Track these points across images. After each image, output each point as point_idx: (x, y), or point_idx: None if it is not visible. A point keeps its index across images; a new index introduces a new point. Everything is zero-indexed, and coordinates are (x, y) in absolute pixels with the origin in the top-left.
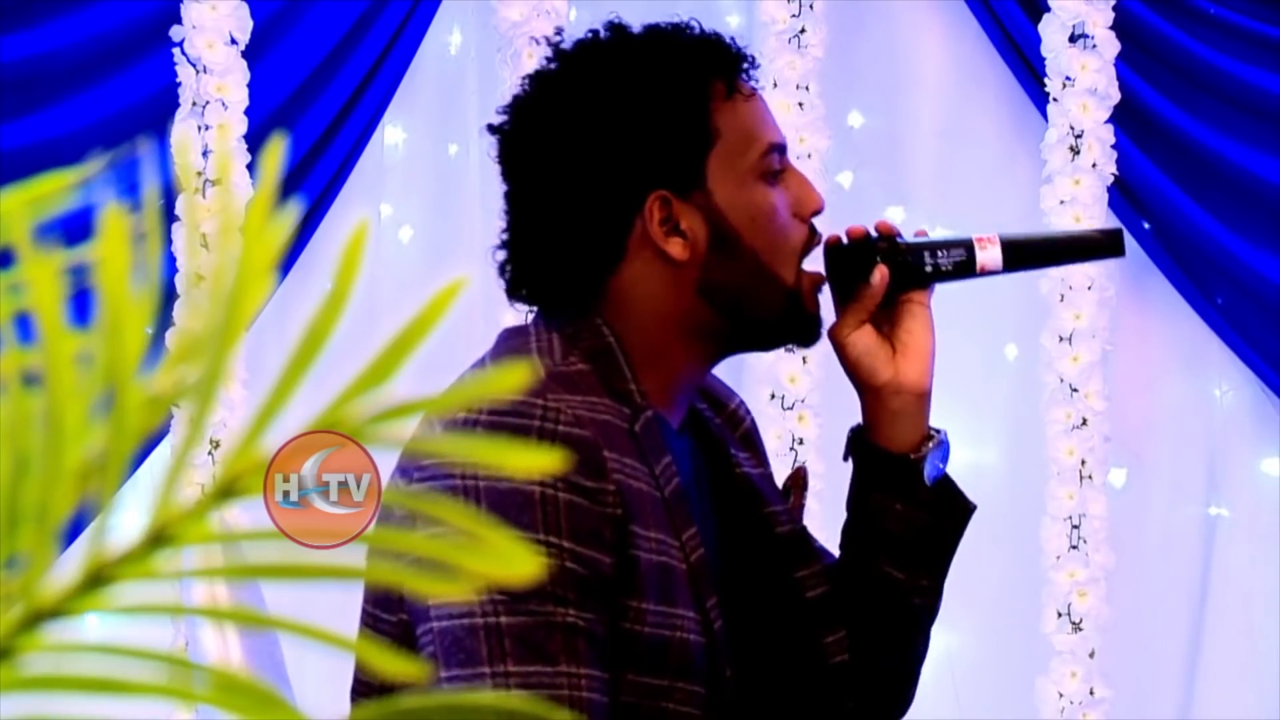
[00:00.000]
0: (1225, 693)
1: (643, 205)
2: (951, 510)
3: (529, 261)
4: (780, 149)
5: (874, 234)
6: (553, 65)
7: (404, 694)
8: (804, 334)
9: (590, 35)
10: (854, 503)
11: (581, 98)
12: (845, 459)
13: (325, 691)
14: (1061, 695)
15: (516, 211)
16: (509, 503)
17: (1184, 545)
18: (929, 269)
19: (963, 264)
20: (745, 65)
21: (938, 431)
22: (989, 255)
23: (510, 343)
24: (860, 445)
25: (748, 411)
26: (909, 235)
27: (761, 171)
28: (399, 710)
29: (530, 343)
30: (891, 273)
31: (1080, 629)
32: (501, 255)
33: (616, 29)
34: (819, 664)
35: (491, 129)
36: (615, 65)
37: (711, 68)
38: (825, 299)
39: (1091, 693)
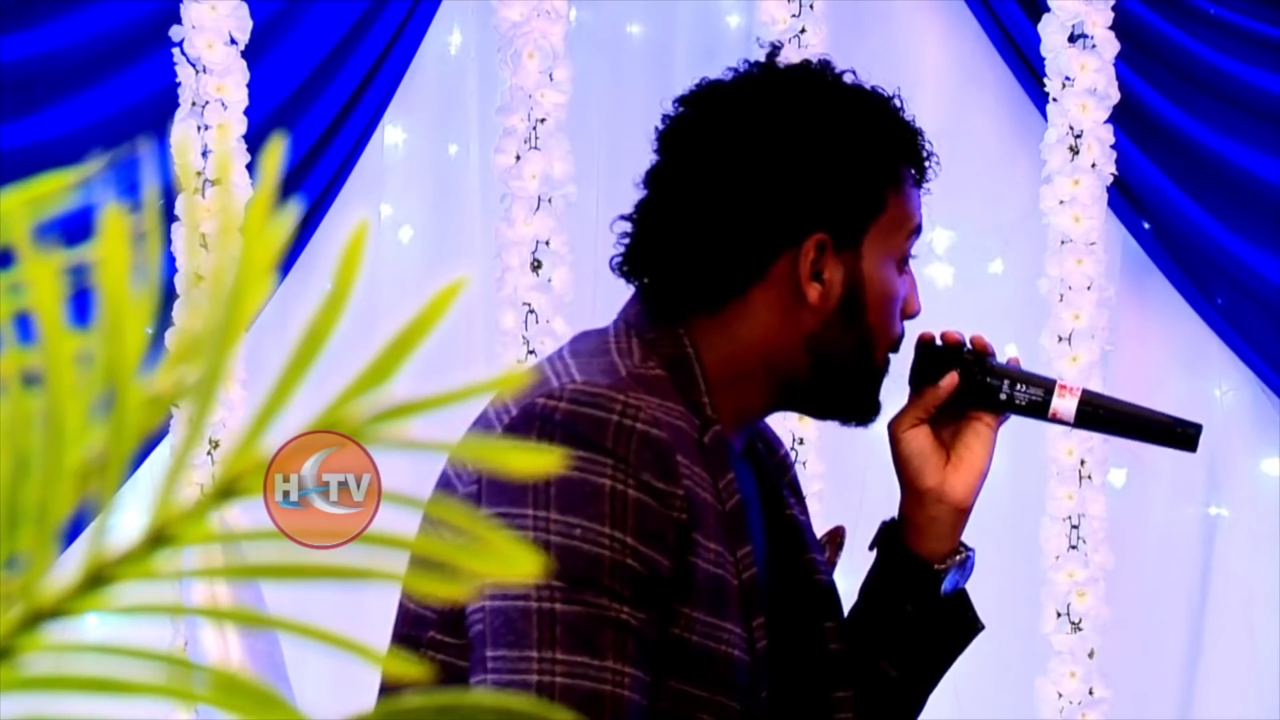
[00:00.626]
0: (1225, 693)
1: (803, 240)
2: (959, 626)
3: (666, 245)
4: (918, 233)
5: (968, 344)
6: (765, 72)
7: (410, 692)
8: (864, 415)
9: (808, 62)
10: (867, 591)
11: (793, 114)
12: (871, 549)
13: (325, 691)
14: (1061, 695)
15: (673, 193)
16: (578, 492)
17: (1184, 545)
18: (1003, 397)
19: (1036, 405)
20: (930, 162)
21: (967, 549)
22: (1064, 405)
23: (588, 342)
24: (889, 538)
25: (793, 463)
26: (1004, 358)
27: (901, 255)
28: (399, 710)
29: (610, 344)
30: (968, 388)
31: (1080, 629)
32: (629, 226)
33: (828, 67)
34: (827, 714)
35: (680, 100)
36: (832, 101)
37: (906, 149)
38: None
39: (1091, 693)
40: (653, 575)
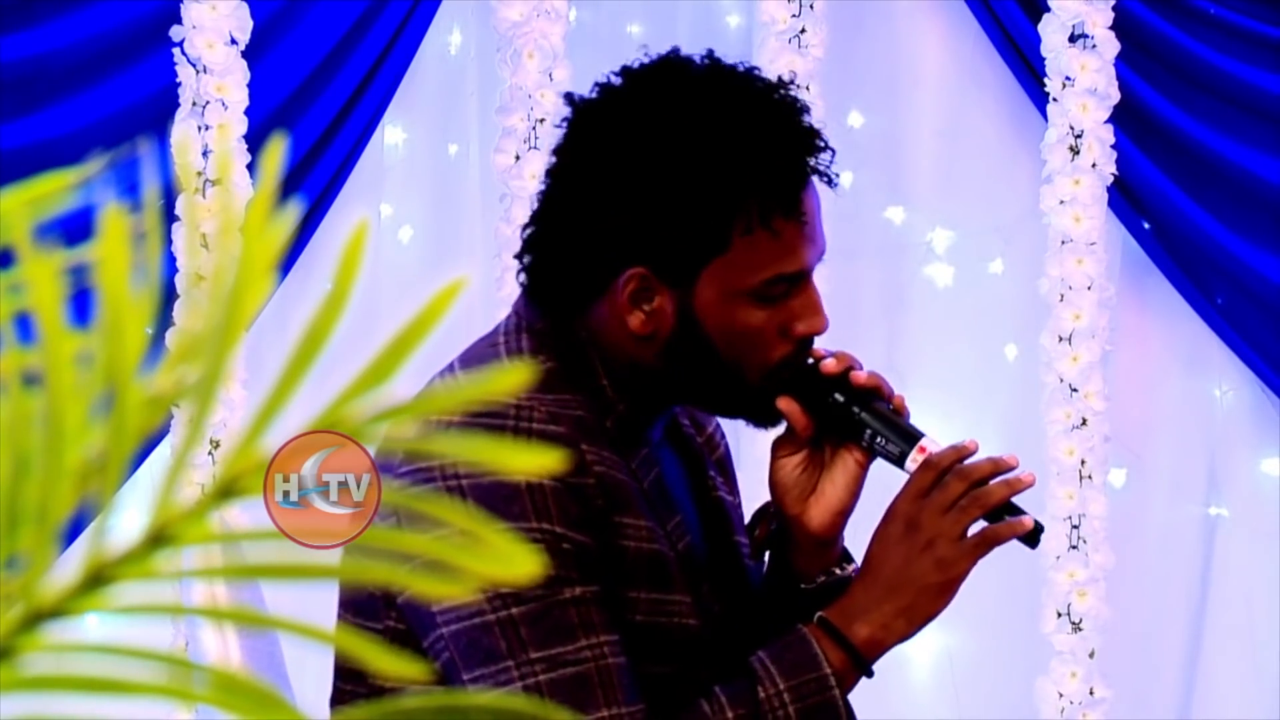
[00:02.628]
0: (1225, 693)
1: (621, 271)
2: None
3: (536, 240)
4: (792, 278)
5: (850, 379)
6: (660, 78)
7: (395, 695)
8: (758, 418)
9: (722, 67)
10: (766, 577)
11: (645, 137)
12: (762, 550)
13: (325, 691)
14: (1061, 695)
15: (548, 191)
16: (496, 496)
17: (1184, 545)
18: (864, 442)
19: (893, 458)
20: (805, 193)
21: (842, 569)
22: (915, 468)
23: (476, 350)
24: (777, 544)
25: (723, 437)
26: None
27: (757, 293)
28: (396, 710)
29: (499, 345)
30: (839, 421)
31: (1080, 629)
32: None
33: (737, 76)
34: None
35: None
36: (693, 126)
37: (768, 189)
38: None
39: (1091, 693)
40: (589, 554)
